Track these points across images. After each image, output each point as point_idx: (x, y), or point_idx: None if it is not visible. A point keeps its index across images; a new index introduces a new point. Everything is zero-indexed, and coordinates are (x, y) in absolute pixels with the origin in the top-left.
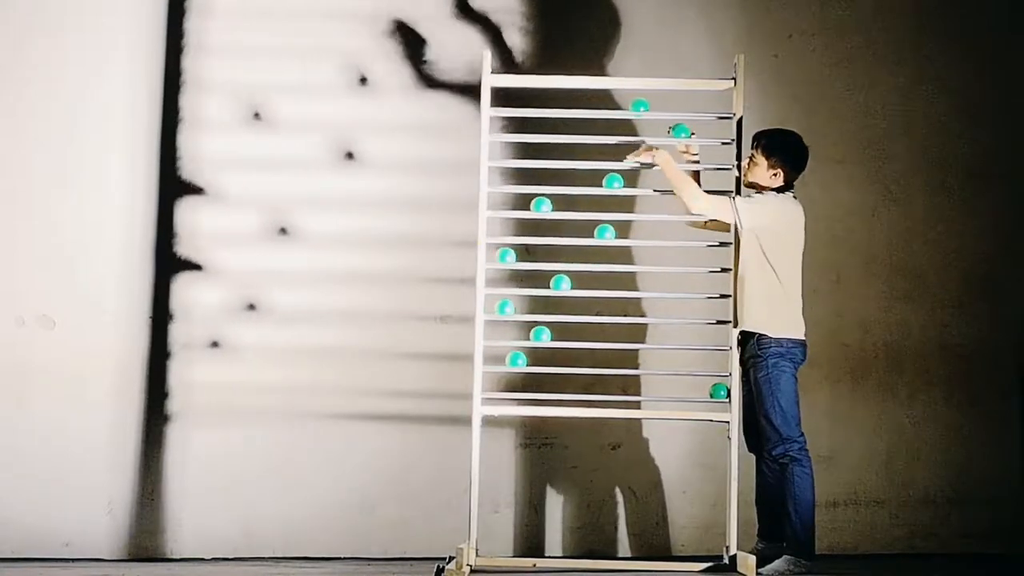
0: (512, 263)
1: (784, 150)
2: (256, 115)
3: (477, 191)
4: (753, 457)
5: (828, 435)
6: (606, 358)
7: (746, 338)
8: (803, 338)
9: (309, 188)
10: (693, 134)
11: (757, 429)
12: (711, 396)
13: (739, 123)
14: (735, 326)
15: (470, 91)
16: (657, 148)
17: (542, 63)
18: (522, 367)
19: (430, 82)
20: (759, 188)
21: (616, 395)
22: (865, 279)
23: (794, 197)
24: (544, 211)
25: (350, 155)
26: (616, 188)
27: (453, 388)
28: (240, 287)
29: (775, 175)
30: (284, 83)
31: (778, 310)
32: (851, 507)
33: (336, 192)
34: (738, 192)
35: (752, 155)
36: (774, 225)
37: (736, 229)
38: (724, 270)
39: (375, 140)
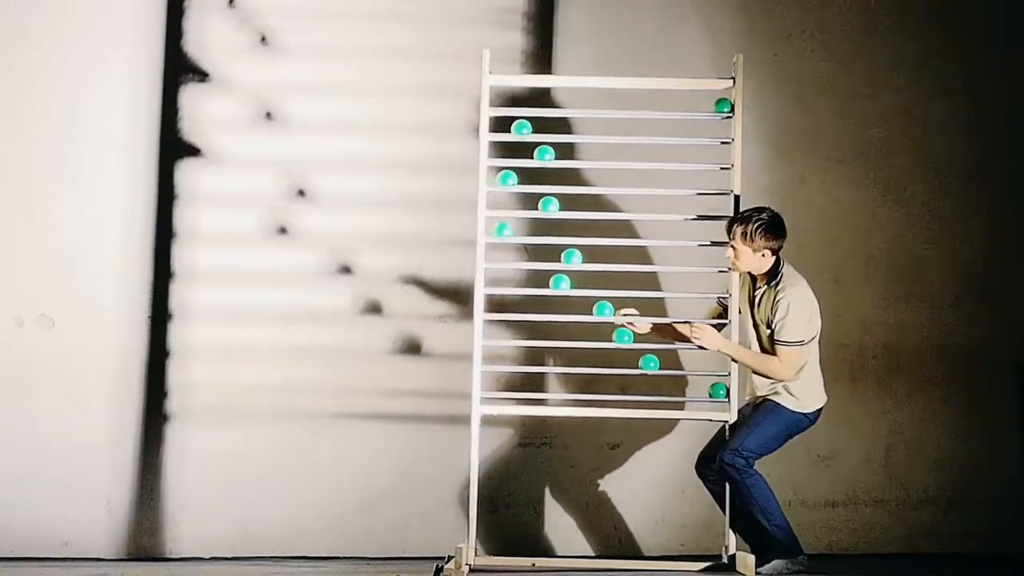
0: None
1: (763, 231)
2: (257, 114)
3: (476, 190)
4: None
5: (827, 435)
6: (606, 357)
7: None
8: (824, 403)
9: (309, 188)
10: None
11: (716, 452)
12: (710, 396)
13: (739, 123)
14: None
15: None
16: (713, 332)
17: (541, 63)
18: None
19: None
20: (756, 277)
21: (615, 394)
22: (864, 279)
23: (788, 268)
24: (552, 210)
25: (351, 154)
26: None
27: (452, 387)
28: (239, 287)
29: (763, 256)
30: (284, 81)
31: (808, 389)
32: (850, 507)
33: (336, 191)
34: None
35: (733, 246)
36: (814, 320)
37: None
38: (724, 270)
39: (376, 139)
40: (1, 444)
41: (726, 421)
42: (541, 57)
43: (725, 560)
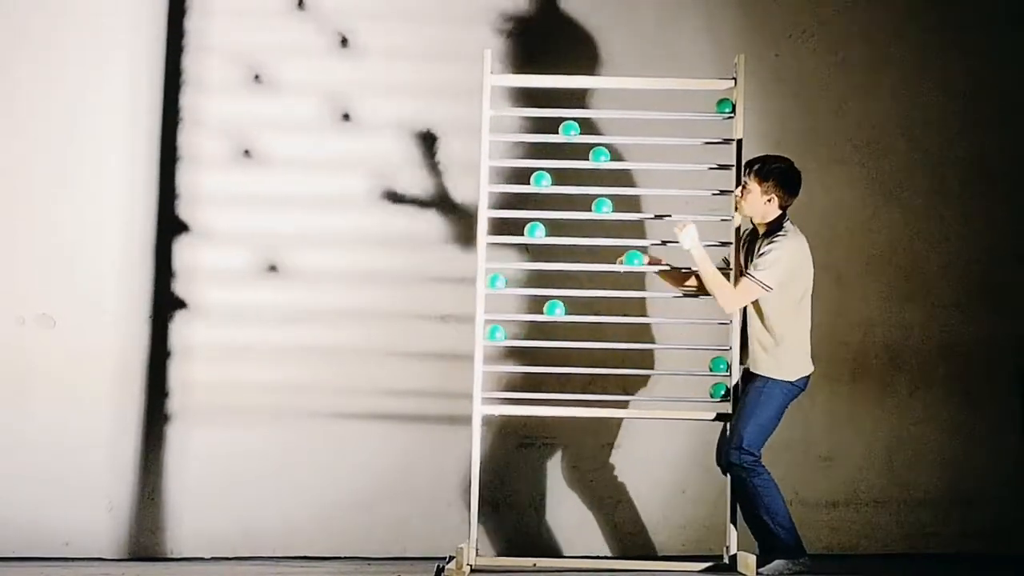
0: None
1: (777, 175)
2: (255, 112)
3: (478, 190)
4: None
5: (828, 435)
6: (606, 358)
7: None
8: (810, 372)
9: (310, 188)
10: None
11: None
12: (711, 396)
13: (740, 123)
14: (742, 363)
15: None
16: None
17: (542, 63)
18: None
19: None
20: (757, 227)
21: (616, 395)
22: (865, 279)
23: (792, 225)
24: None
25: (351, 154)
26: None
27: (453, 387)
28: (241, 286)
29: (769, 201)
30: (283, 81)
31: (798, 354)
32: (851, 507)
33: (337, 191)
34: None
35: (745, 182)
36: (793, 274)
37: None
38: (726, 270)
39: (376, 138)
40: (2, 444)
41: (727, 421)
42: (542, 57)
43: (726, 560)
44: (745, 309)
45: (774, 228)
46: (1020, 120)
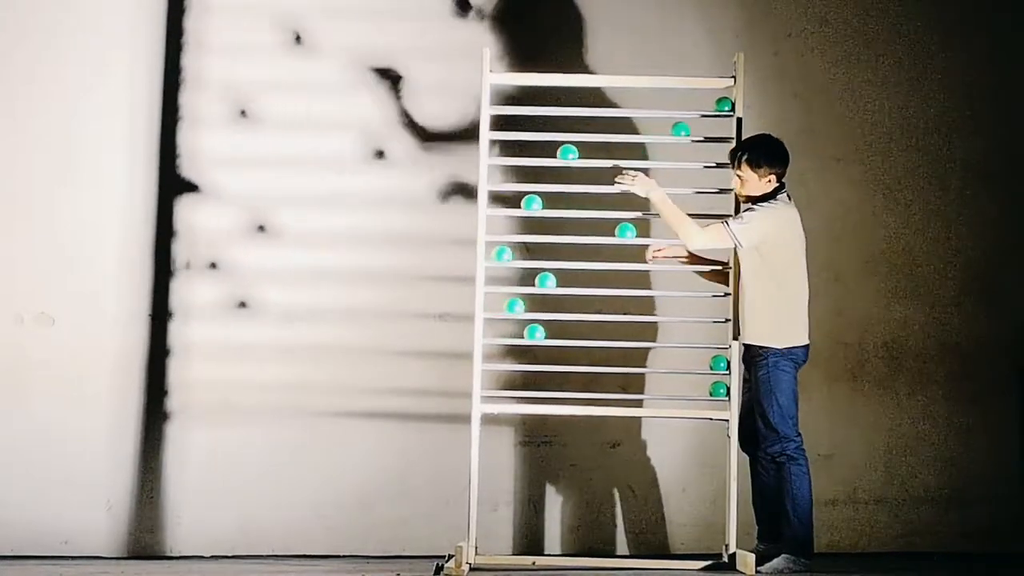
0: (510, 262)
1: (767, 156)
2: (253, 114)
3: (476, 190)
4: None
5: (827, 433)
6: (606, 356)
7: (749, 344)
8: (806, 342)
9: (308, 186)
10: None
11: (752, 429)
12: (710, 395)
13: (739, 122)
14: (735, 337)
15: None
16: (649, 179)
17: (540, 61)
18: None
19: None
20: (755, 199)
21: (616, 393)
22: (864, 278)
23: (788, 197)
24: (534, 208)
25: (349, 153)
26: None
27: (452, 386)
28: (239, 285)
29: (769, 181)
30: (283, 81)
31: (781, 321)
32: (850, 505)
33: (336, 190)
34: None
35: (738, 174)
36: (772, 237)
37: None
38: (722, 267)
39: (374, 137)
40: (1, 443)
41: (726, 420)
42: (541, 55)
43: (725, 559)
44: (736, 279)
45: (768, 197)
46: (1020, 120)
